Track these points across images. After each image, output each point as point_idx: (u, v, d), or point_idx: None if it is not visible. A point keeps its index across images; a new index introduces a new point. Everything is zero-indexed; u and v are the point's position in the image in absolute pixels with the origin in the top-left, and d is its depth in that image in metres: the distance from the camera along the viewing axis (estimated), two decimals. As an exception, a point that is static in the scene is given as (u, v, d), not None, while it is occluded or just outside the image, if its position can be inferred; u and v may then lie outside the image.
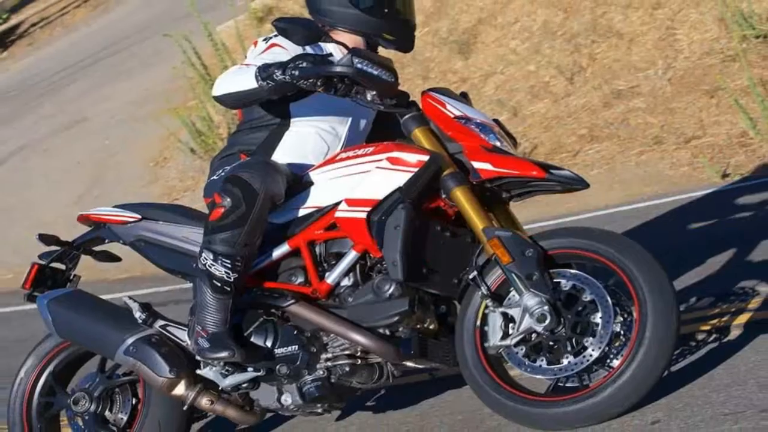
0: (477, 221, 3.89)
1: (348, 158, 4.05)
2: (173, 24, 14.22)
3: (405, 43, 4.30)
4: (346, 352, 4.04)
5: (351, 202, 3.97)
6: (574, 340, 3.79)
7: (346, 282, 4.04)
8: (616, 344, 3.79)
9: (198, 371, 4.21)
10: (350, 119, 4.26)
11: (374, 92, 3.91)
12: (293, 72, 3.84)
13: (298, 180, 4.11)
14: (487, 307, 3.90)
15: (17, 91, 17.90)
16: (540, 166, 3.91)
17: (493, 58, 9.95)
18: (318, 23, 4.21)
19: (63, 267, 4.61)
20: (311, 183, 4.09)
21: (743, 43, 8.27)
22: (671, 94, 8.48)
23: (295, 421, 4.72)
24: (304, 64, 3.84)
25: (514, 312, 3.84)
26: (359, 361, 4.06)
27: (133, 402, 4.42)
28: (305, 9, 4.34)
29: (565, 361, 3.79)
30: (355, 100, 3.96)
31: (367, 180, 3.96)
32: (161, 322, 4.31)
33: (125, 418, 4.41)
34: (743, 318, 4.41)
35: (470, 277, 3.93)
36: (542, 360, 3.82)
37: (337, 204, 4.01)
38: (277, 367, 4.09)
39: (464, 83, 9.74)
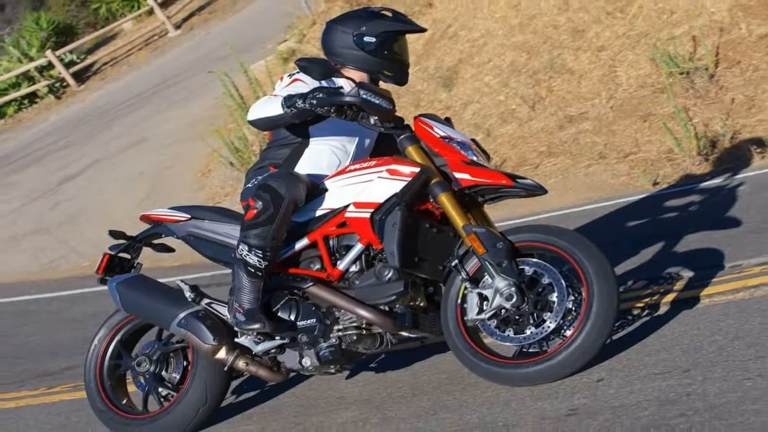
0: (458, 220, 3.89)
1: (355, 170, 4.05)
2: (216, 63, 14.23)
3: (401, 78, 4.29)
4: (354, 324, 4.04)
5: (358, 205, 3.96)
6: (535, 315, 3.78)
7: (354, 268, 4.03)
8: (569, 318, 3.78)
9: (236, 339, 4.21)
10: (357, 139, 4.25)
11: (376, 117, 3.90)
12: (312, 101, 3.84)
13: (316, 187, 4.10)
14: (466, 288, 3.89)
15: (92, 116, 17.90)
16: (508, 176, 3.90)
17: (470, 90, 9.94)
18: (332, 62, 4.20)
19: (128, 256, 4.60)
20: (326, 189, 4.08)
21: (670, 78, 8.26)
22: (613, 118, 8.47)
23: (313, 379, 4.71)
24: (321, 95, 3.84)
25: (488, 292, 3.83)
26: (364, 332, 4.05)
27: (185, 364, 4.41)
28: (322, 51, 4.34)
29: (528, 332, 3.79)
30: (361, 124, 3.96)
31: (371, 187, 3.95)
32: (206, 300, 4.30)
33: (178, 377, 4.40)
34: (670, 297, 4.40)
35: (452, 264, 3.92)
36: (510, 330, 3.81)
37: (347, 206, 4.00)
38: (299, 336, 4.09)
39: (448, 110, 9.73)
